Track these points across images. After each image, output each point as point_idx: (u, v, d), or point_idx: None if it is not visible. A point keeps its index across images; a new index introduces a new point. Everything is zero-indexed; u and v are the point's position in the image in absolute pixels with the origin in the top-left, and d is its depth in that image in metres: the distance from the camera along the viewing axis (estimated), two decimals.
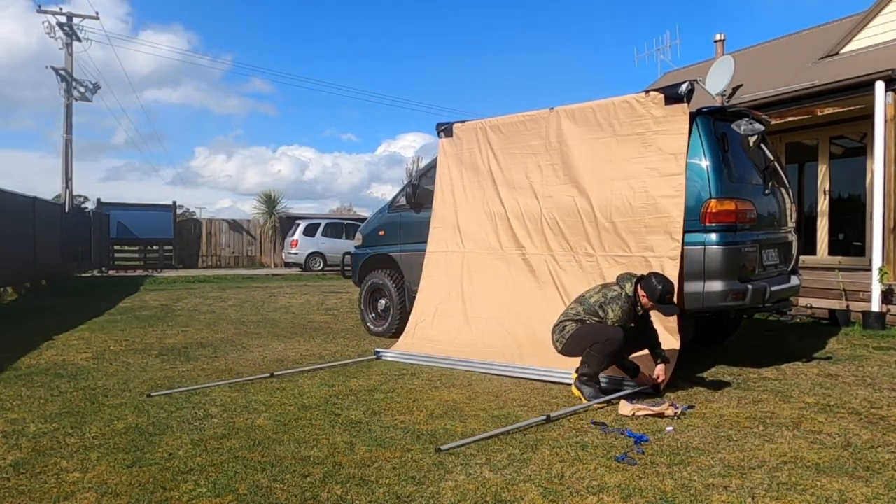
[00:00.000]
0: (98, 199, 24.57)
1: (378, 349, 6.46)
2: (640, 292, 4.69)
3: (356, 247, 8.46)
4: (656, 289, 4.60)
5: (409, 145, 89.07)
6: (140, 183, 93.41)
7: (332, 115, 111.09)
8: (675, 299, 4.78)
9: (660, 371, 4.67)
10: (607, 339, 4.54)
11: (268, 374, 5.47)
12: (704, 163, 5.33)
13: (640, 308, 4.74)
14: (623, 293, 4.70)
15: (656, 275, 4.73)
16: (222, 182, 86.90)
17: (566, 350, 4.74)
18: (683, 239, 5.26)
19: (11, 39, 47.50)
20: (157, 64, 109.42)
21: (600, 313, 4.69)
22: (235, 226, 27.50)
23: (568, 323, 4.77)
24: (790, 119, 10.03)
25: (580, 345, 4.63)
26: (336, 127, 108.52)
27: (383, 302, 7.86)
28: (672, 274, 5.15)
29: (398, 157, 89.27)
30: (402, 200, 7.74)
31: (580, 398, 4.58)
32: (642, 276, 4.76)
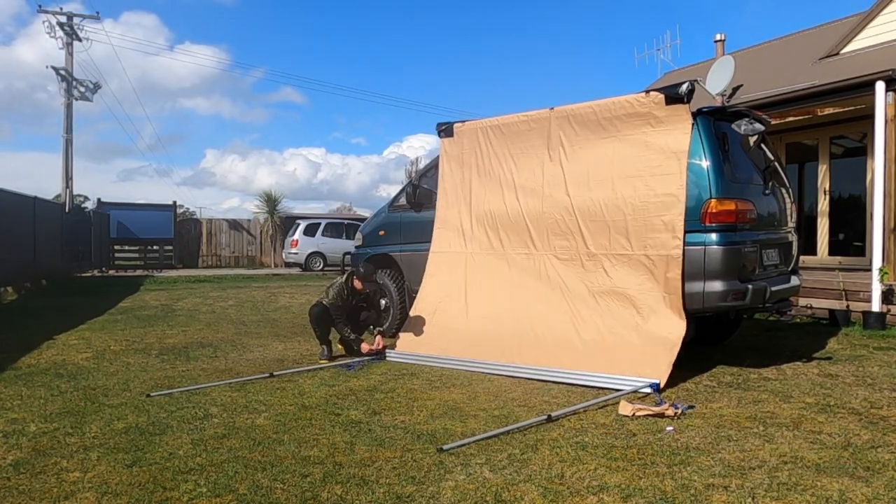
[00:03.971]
0: (98, 199, 24.57)
1: None
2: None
3: (356, 246, 8.47)
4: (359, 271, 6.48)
5: (421, 145, 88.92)
6: (152, 184, 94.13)
7: (343, 117, 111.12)
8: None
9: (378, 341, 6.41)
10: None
11: (268, 374, 5.47)
12: (704, 163, 5.33)
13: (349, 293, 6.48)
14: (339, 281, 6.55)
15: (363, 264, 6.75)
16: (234, 184, 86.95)
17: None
18: (684, 238, 5.26)
19: (46, 52, 47.99)
20: (188, 73, 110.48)
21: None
22: (235, 225, 27.48)
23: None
24: (790, 119, 10.03)
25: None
26: (344, 129, 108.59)
27: (383, 302, 7.85)
28: (674, 272, 5.17)
29: (405, 159, 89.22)
30: (402, 200, 7.75)
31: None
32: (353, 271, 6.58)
